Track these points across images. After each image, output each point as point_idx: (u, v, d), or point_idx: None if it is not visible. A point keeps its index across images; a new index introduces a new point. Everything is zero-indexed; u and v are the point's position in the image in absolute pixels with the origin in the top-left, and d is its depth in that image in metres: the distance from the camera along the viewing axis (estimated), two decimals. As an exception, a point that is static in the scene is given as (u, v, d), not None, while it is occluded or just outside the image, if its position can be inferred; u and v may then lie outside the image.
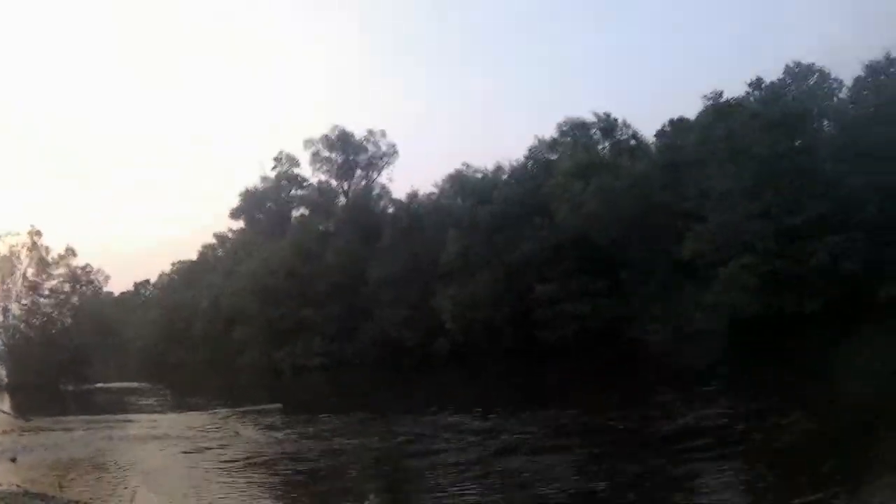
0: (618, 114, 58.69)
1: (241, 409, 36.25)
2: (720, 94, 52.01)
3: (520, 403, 29.62)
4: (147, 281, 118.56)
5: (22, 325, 68.22)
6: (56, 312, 70.03)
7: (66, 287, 70.04)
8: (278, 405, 36.55)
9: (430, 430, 24.33)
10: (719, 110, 50.64)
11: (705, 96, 52.68)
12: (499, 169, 65.37)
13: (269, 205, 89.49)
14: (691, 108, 57.91)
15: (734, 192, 45.29)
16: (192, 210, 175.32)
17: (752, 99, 51.57)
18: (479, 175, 65.46)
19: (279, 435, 27.07)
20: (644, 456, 18.90)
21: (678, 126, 55.41)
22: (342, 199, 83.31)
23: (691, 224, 46.27)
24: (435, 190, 68.40)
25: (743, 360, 36.19)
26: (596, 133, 59.75)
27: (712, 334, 42.06)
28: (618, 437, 21.85)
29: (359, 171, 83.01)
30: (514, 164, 64.52)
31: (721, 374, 32.84)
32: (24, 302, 68.65)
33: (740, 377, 31.75)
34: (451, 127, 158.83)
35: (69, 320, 69.62)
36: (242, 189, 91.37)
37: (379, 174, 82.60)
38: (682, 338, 44.13)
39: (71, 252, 69.55)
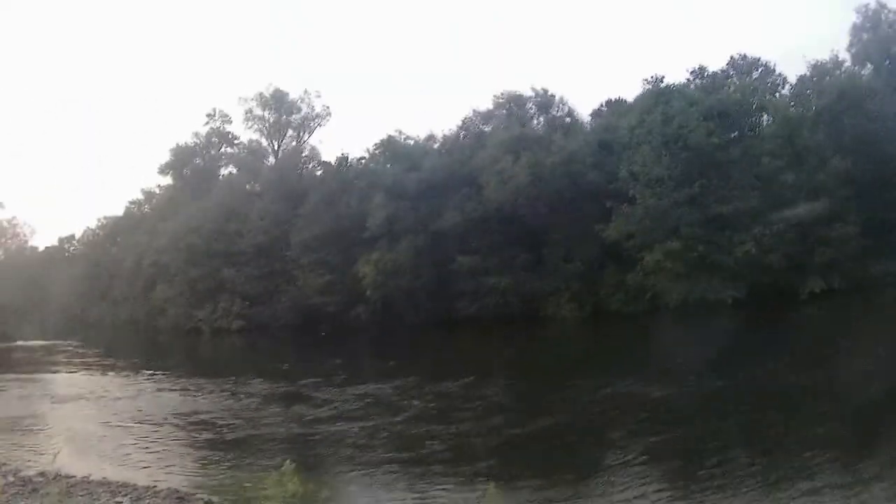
0: (556, 90, 57.75)
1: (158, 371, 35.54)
2: (661, 79, 51.53)
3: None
4: (72, 236, 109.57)
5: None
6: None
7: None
8: None
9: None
10: (658, 95, 49.78)
11: (645, 80, 52.12)
12: (431, 138, 63.47)
13: (197, 161, 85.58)
14: (631, 91, 57.20)
15: (665, 178, 44.47)
16: (126, 164, 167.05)
17: (692, 87, 50.70)
18: (411, 142, 62.93)
19: (194, 397, 26.67)
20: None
21: (615, 107, 54.46)
22: (272, 160, 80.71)
23: (620, 206, 45.39)
24: (366, 154, 65.08)
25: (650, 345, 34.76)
26: (532, 108, 58.77)
27: (631, 317, 41.26)
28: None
29: (290, 132, 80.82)
30: (448, 133, 62.97)
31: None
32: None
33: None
34: (389, 94, 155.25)
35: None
36: (174, 145, 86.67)
37: (310, 136, 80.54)
38: (601, 319, 43.19)
39: (-3, 202, 62.23)
